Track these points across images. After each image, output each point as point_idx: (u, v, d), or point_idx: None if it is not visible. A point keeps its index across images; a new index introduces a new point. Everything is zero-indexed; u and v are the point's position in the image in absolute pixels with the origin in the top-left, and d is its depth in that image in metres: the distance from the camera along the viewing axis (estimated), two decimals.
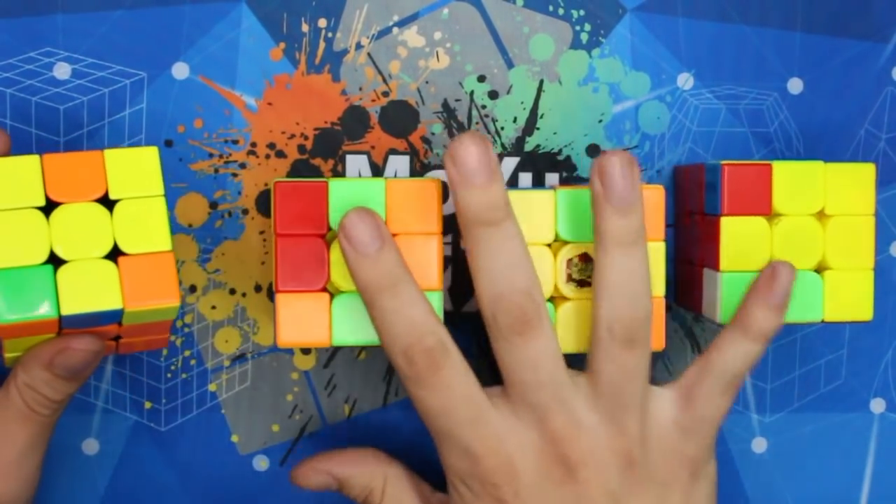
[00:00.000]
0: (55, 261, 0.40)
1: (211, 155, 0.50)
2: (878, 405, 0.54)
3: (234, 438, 0.51)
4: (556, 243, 0.46)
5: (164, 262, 0.41)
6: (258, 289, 0.51)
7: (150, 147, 0.42)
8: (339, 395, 0.52)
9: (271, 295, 0.51)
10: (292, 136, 0.50)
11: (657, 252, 0.46)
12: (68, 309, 0.40)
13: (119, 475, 0.51)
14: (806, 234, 0.47)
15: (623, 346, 0.43)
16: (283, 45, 0.50)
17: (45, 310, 0.39)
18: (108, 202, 0.41)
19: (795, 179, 0.47)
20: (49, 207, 0.40)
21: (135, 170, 0.41)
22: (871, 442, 0.55)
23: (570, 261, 0.46)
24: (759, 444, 0.54)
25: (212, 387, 0.51)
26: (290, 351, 0.51)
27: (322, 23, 0.50)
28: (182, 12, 0.49)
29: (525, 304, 0.42)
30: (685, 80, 0.52)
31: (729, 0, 0.52)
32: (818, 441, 0.54)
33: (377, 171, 0.51)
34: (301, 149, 0.50)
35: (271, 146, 0.50)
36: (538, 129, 0.51)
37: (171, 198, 0.50)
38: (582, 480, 0.43)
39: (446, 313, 0.52)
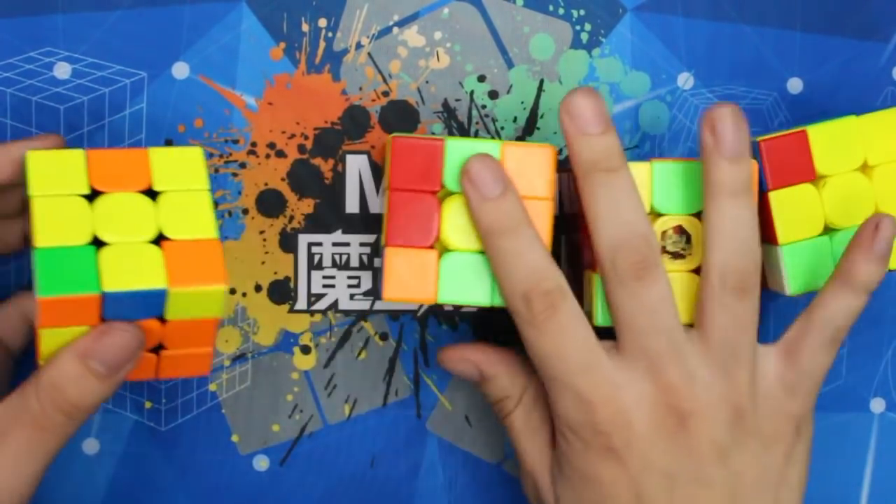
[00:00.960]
0: (98, 245, 0.40)
1: (211, 155, 0.50)
2: (878, 405, 0.54)
3: (234, 438, 0.51)
4: (651, 215, 0.46)
5: (210, 247, 0.40)
6: (258, 289, 0.51)
7: (194, 147, 0.42)
8: (339, 395, 0.52)
9: (273, 294, 0.51)
10: (292, 135, 0.50)
11: None
12: (110, 285, 0.39)
13: (119, 475, 0.51)
14: (854, 189, 0.47)
15: (735, 294, 0.44)
16: (283, 44, 0.50)
17: (86, 286, 0.38)
18: (152, 196, 0.41)
19: (832, 139, 0.47)
20: (92, 198, 0.40)
21: (179, 167, 0.42)
22: (871, 442, 0.55)
23: (664, 233, 0.46)
24: None
25: (212, 386, 0.51)
26: (290, 351, 0.51)
27: (322, 23, 0.50)
28: (182, 12, 0.49)
29: (644, 248, 0.43)
30: (685, 80, 0.52)
31: (728, 0, 0.52)
32: (818, 441, 0.54)
33: (377, 170, 0.51)
34: (301, 148, 0.50)
35: (271, 146, 0.50)
36: (538, 129, 0.51)
37: None
38: (692, 431, 0.43)
39: (446, 313, 0.52)
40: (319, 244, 0.51)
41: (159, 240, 0.40)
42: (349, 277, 0.51)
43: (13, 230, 0.46)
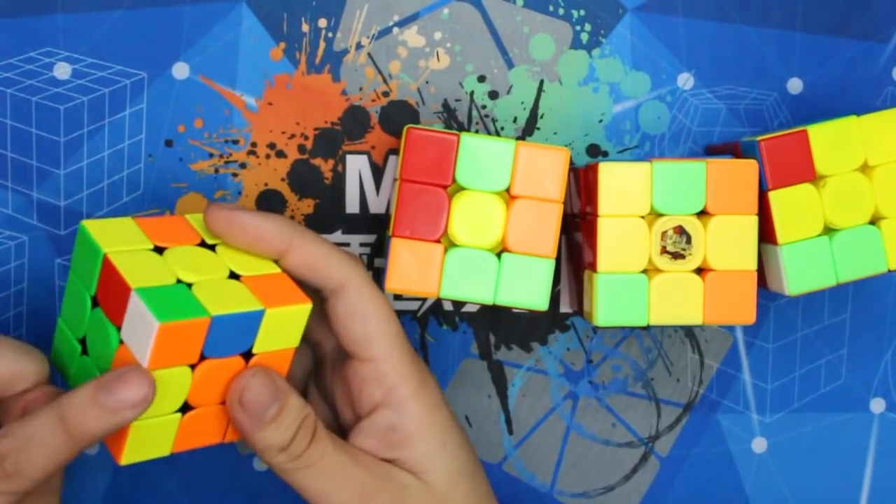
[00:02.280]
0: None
1: (211, 155, 0.50)
2: (878, 405, 0.54)
3: None
4: (651, 215, 0.46)
5: (280, 279, 0.43)
6: None
7: None
8: None
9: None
10: (292, 136, 0.50)
11: (750, 225, 0.46)
12: (217, 310, 0.40)
13: (120, 475, 0.51)
14: (854, 189, 0.47)
15: None
16: (283, 45, 0.50)
17: (197, 312, 0.40)
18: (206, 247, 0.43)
19: (833, 139, 0.47)
20: (157, 252, 0.42)
21: None
22: (871, 442, 0.55)
23: (664, 233, 0.46)
24: (759, 444, 0.54)
25: None
26: None
27: (322, 23, 0.50)
28: (182, 12, 0.49)
29: None
30: (685, 80, 0.52)
31: (729, 0, 0.52)
32: (818, 441, 0.54)
33: (377, 170, 0.51)
34: (301, 149, 0.50)
35: (271, 146, 0.50)
36: (538, 129, 0.51)
37: (172, 198, 0.50)
38: None
39: (446, 313, 0.52)
40: None
41: (233, 278, 0.42)
42: None
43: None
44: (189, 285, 0.41)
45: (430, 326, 0.52)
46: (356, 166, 0.51)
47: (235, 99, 0.50)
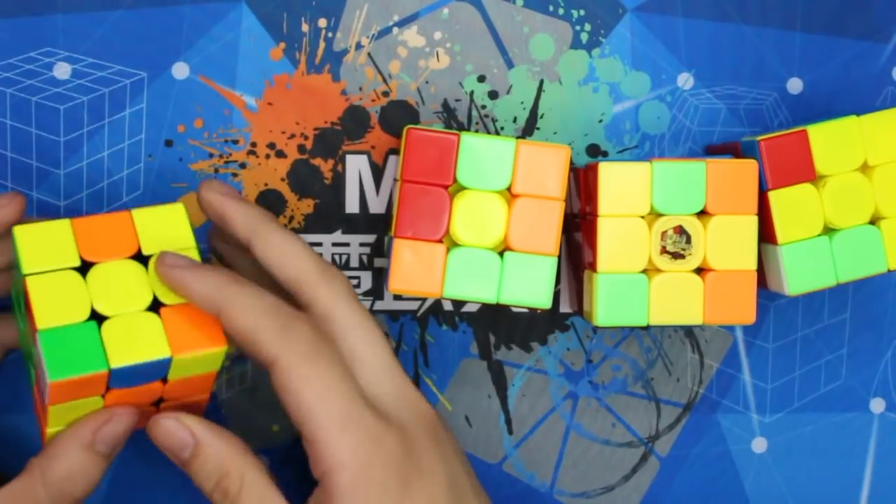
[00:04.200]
0: (97, 318, 0.40)
1: (211, 155, 0.50)
2: (877, 405, 0.54)
3: None
4: (651, 215, 0.46)
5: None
6: None
7: (176, 204, 0.43)
8: None
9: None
10: (292, 135, 0.50)
11: (750, 225, 0.46)
12: (117, 362, 0.39)
13: (119, 475, 0.51)
14: (854, 189, 0.47)
15: None
16: (283, 45, 0.50)
17: (94, 366, 0.39)
18: (141, 258, 0.41)
19: (833, 139, 0.47)
20: (83, 269, 0.41)
21: (164, 225, 0.42)
22: (871, 442, 0.55)
23: (664, 233, 0.46)
24: (759, 444, 0.54)
25: None
26: None
27: (322, 23, 0.50)
28: (182, 12, 0.49)
29: None
30: (685, 80, 0.52)
31: (729, 0, 0.52)
32: (818, 441, 0.54)
33: (377, 170, 0.51)
34: (301, 149, 0.50)
35: (271, 146, 0.50)
36: (538, 129, 0.51)
37: (172, 198, 0.50)
38: None
39: (446, 313, 0.52)
40: (319, 244, 0.51)
41: (155, 304, 0.41)
42: (349, 277, 0.51)
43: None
44: (102, 319, 0.40)
45: (430, 326, 0.52)
46: (356, 166, 0.51)
47: (235, 99, 0.50)
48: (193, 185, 0.50)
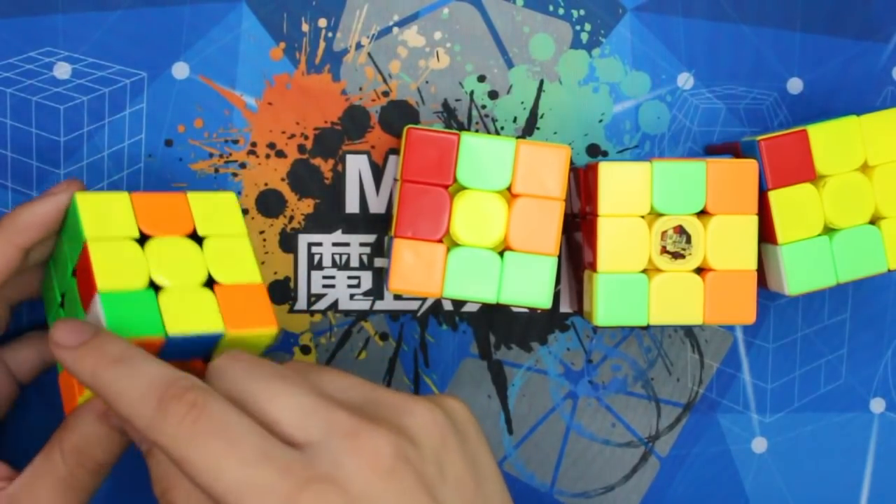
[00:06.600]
0: (155, 289, 0.41)
1: (211, 155, 0.50)
2: (878, 405, 0.54)
3: None
4: (651, 215, 0.46)
5: (257, 292, 0.42)
6: None
7: (228, 192, 0.44)
8: None
9: (273, 294, 0.51)
10: (292, 135, 0.50)
11: (750, 225, 0.46)
12: (174, 329, 0.40)
13: (119, 475, 0.51)
14: (854, 189, 0.47)
15: None
16: (283, 45, 0.50)
17: (152, 329, 0.40)
18: (195, 238, 0.43)
19: (833, 139, 0.47)
20: (140, 241, 0.42)
21: (217, 211, 0.44)
22: (871, 442, 0.55)
23: (664, 233, 0.46)
24: (759, 444, 0.54)
25: None
26: (290, 351, 0.51)
27: (322, 23, 0.50)
28: (182, 12, 0.49)
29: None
30: (685, 80, 0.52)
31: (728, 0, 0.52)
32: (818, 441, 0.54)
33: (377, 170, 0.51)
34: (301, 148, 0.50)
35: (271, 146, 0.50)
36: (538, 129, 0.51)
37: None
38: None
39: (446, 313, 0.52)
40: (319, 244, 0.51)
41: (209, 283, 0.42)
42: (349, 277, 0.51)
43: (37, 278, 0.46)
44: (158, 289, 0.41)
45: (429, 326, 0.52)
46: (356, 166, 0.51)
47: (235, 99, 0.50)
48: (194, 184, 0.50)
